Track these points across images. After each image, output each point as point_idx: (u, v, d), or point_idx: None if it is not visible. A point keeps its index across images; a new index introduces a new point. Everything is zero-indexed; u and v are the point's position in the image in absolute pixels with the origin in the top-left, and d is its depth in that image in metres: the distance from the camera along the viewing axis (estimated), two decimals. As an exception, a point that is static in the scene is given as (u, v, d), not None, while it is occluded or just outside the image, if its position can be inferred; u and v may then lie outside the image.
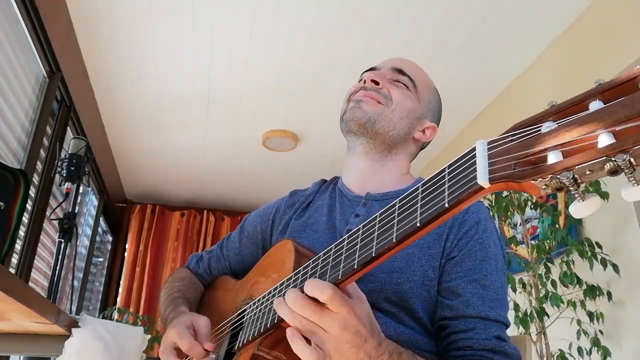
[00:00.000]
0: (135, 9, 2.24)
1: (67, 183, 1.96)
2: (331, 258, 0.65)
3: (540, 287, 1.91)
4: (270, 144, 3.39)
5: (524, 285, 1.99)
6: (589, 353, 1.78)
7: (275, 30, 2.36)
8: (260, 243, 1.06)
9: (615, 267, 1.74)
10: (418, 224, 0.54)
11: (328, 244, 0.89)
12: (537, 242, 2.01)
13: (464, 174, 0.51)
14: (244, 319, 0.82)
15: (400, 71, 1.00)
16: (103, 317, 3.04)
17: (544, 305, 1.87)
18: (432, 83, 1.06)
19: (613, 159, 0.40)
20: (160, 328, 3.69)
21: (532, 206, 2.07)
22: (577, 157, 0.42)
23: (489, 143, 0.50)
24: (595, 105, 0.43)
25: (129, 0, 2.19)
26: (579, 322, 1.81)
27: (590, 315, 1.81)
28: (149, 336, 1.53)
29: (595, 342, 1.76)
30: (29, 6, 1.97)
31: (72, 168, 1.96)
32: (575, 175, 0.43)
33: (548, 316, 1.87)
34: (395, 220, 0.58)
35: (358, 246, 0.61)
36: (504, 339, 0.80)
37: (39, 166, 2.35)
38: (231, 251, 1.10)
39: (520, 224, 2.17)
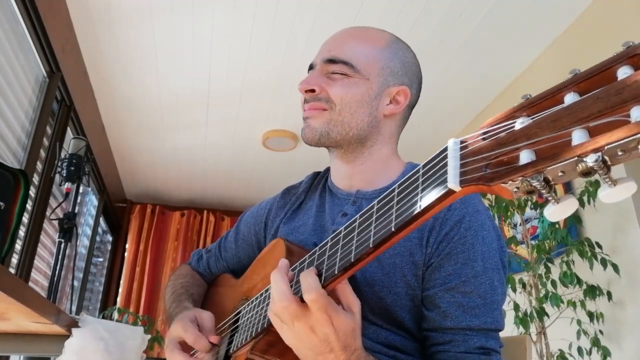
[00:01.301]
0: (136, 9, 2.24)
1: (67, 183, 1.97)
2: (315, 263, 0.63)
3: (540, 287, 1.91)
4: (270, 144, 3.39)
5: (524, 285, 1.99)
6: (589, 353, 1.78)
7: (275, 30, 2.36)
8: (255, 245, 1.05)
9: (615, 267, 1.74)
10: (393, 229, 0.52)
11: (313, 245, 0.88)
12: (537, 242, 2.01)
13: (436, 175, 0.48)
14: (239, 321, 0.82)
15: (331, 61, 0.88)
16: (103, 317, 3.04)
17: (544, 305, 1.87)
18: (381, 42, 0.90)
19: (585, 159, 0.36)
20: (162, 326, 3.70)
21: (532, 206, 2.06)
22: (548, 158, 0.38)
23: (461, 142, 0.47)
24: (570, 97, 0.40)
25: (129, 0, 2.19)
26: (579, 322, 1.81)
27: (590, 315, 1.81)
28: (149, 336, 1.53)
29: (595, 342, 1.76)
30: (29, 6, 1.97)
31: (72, 168, 1.96)
32: (547, 177, 0.39)
33: (548, 316, 1.87)
34: (373, 226, 0.55)
35: (339, 252, 0.60)
36: (489, 348, 0.74)
37: (39, 166, 2.35)
38: (229, 252, 1.10)
39: (520, 224, 2.17)
